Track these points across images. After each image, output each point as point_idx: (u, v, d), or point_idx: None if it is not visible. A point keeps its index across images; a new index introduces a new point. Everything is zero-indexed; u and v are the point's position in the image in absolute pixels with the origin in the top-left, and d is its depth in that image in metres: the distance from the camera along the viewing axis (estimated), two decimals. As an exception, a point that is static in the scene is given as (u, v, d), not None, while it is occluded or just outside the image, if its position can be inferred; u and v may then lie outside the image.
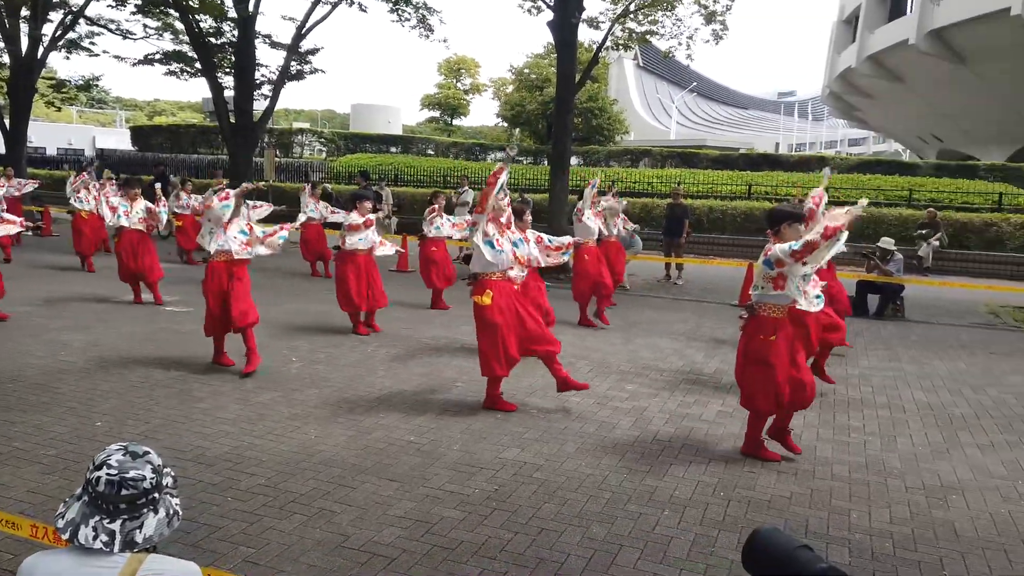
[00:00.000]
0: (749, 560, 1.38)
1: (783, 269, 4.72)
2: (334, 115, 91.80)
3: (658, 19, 17.27)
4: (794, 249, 4.59)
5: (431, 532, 3.87)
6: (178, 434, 5.11)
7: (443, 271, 10.12)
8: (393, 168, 26.20)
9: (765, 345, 4.84)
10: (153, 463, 1.79)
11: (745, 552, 1.38)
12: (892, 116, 41.55)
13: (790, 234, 4.85)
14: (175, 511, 1.83)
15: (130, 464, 1.75)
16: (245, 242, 6.76)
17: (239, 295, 6.60)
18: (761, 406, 4.97)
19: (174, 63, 19.99)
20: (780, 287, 4.78)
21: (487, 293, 5.63)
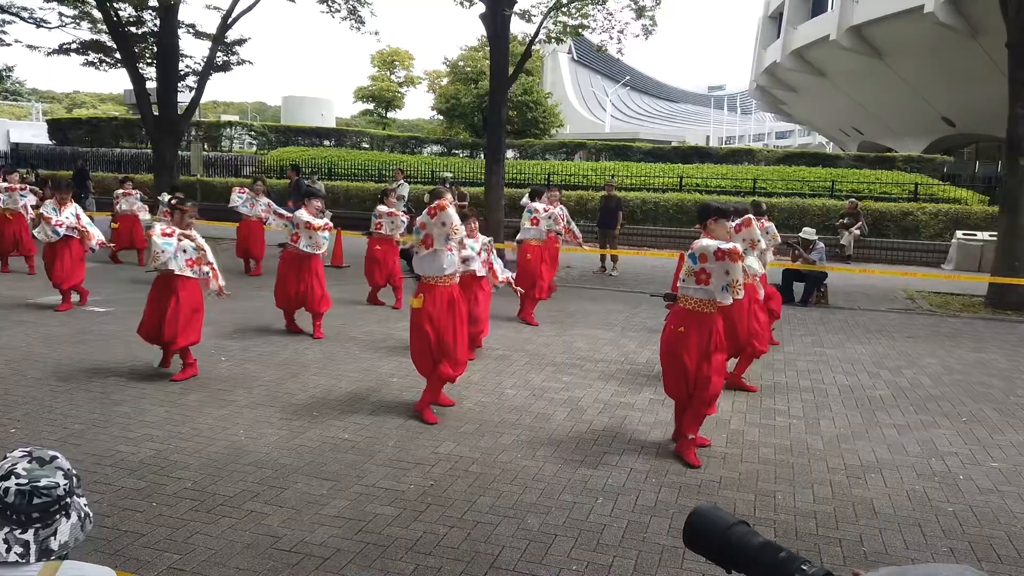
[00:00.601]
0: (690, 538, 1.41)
1: (706, 265, 4.79)
2: (265, 108, 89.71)
3: (589, 13, 17.41)
4: (719, 248, 4.66)
5: (365, 530, 3.83)
6: (99, 439, 4.92)
7: (386, 269, 10.07)
8: (327, 162, 25.74)
9: (676, 337, 4.91)
10: (63, 468, 1.73)
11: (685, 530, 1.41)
12: (815, 109, 42.96)
13: (717, 229, 4.93)
14: (86, 513, 1.78)
15: (39, 472, 1.68)
16: (194, 260, 6.40)
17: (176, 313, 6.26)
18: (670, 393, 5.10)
19: (92, 53, 19.14)
20: (704, 282, 4.83)
21: (420, 297, 5.54)
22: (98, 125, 34.63)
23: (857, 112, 37.34)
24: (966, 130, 32.74)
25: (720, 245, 4.69)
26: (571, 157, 30.56)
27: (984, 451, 5.24)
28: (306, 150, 29.53)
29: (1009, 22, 11.14)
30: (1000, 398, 6.58)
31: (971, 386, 6.94)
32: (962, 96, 29.28)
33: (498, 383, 6.56)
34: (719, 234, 4.94)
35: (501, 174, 16.06)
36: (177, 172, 18.12)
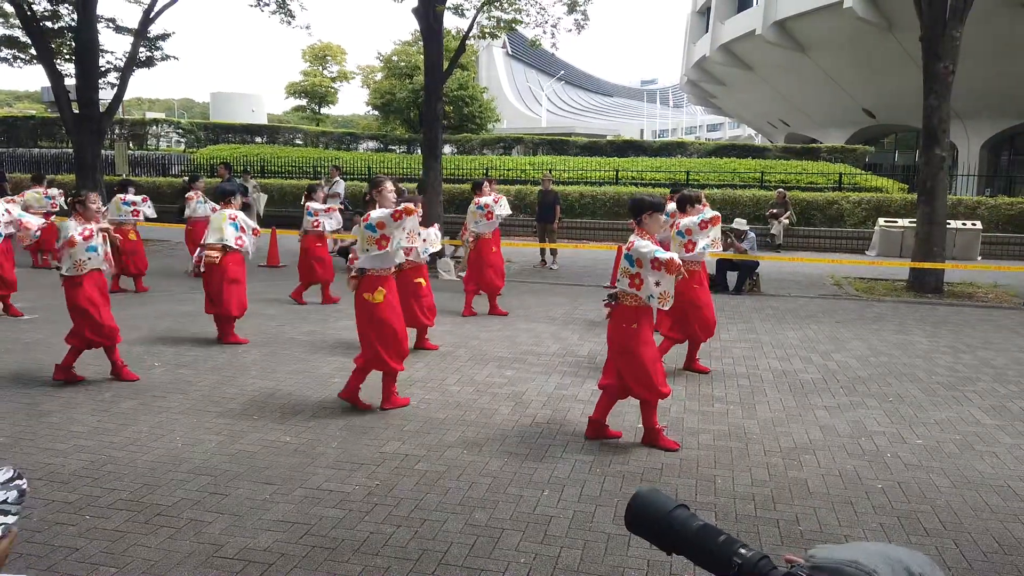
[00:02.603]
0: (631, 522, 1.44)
1: (640, 270, 4.79)
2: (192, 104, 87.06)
3: (522, 7, 17.47)
4: (656, 258, 4.67)
5: (310, 533, 3.78)
6: (26, 451, 4.71)
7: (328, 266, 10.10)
8: (259, 159, 25.16)
9: (628, 334, 4.97)
10: None
11: (627, 514, 1.43)
12: (744, 103, 44.10)
13: (651, 224, 4.96)
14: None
15: None
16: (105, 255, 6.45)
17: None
18: (639, 393, 5.05)
19: (5, 49, 18.27)
20: (636, 286, 4.85)
21: (379, 290, 5.49)
22: (14, 124, 33.06)
23: (783, 105, 38.50)
24: (886, 121, 34.16)
25: (657, 254, 4.67)
26: (509, 152, 30.62)
27: (909, 429, 5.49)
28: (237, 147, 28.82)
29: (922, 16, 11.66)
30: (923, 378, 6.90)
31: (896, 367, 7.26)
32: (881, 88, 30.52)
33: (442, 380, 6.55)
34: (653, 228, 4.98)
35: (439, 169, 15.99)
36: (101, 172, 17.43)
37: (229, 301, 7.57)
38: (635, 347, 4.95)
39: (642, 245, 4.81)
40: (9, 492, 1.71)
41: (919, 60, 12.09)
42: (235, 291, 7.62)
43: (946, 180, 12.15)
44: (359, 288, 5.58)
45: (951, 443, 5.22)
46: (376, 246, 5.42)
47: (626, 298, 4.96)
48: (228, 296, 7.57)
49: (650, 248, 4.78)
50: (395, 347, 5.63)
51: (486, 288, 9.33)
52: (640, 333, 4.96)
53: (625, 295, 4.96)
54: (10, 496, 1.70)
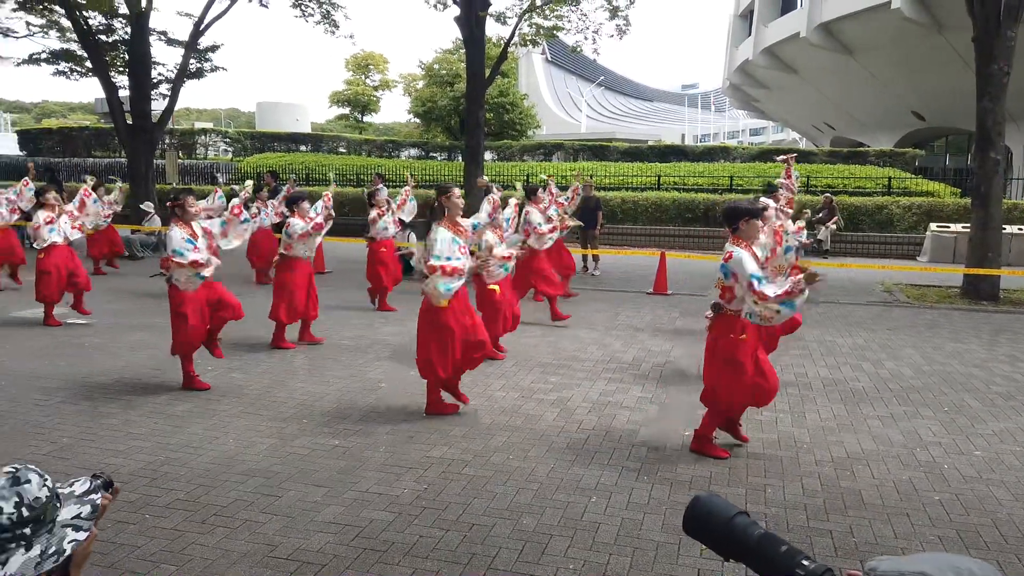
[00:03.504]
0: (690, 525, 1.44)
1: (735, 284, 4.63)
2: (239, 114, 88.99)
3: (564, 14, 17.52)
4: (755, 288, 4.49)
5: (361, 536, 3.83)
6: (88, 452, 4.87)
7: (392, 272, 10.04)
8: (304, 167, 25.60)
9: (735, 344, 4.77)
10: (24, 496, 1.59)
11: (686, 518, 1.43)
12: (788, 106, 43.46)
13: (749, 231, 4.74)
14: (59, 550, 1.63)
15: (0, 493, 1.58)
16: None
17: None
18: (724, 405, 4.93)
19: (62, 63, 18.91)
20: (727, 299, 4.73)
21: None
22: (70, 135, 34.14)
23: (829, 108, 37.84)
24: (936, 124, 33.33)
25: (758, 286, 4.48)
26: (549, 158, 30.64)
27: (967, 440, 5.35)
28: (282, 156, 29.35)
29: (974, 17, 11.37)
30: (980, 388, 6.71)
31: (951, 376, 7.08)
32: (930, 90, 29.80)
33: (487, 385, 6.58)
34: (751, 235, 4.78)
35: (480, 176, 16.08)
36: (152, 181, 17.93)
37: (278, 306, 7.72)
38: (738, 356, 4.76)
39: (743, 261, 4.59)
40: (83, 507, 1.75)
41: (971, 61, 11.80)
42: (284, 297, 7.76)
43: (1001, 184, 11.81)
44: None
45: (1011, 455, 5.07)
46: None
47: (730, 308, 4.80)
48: (277, 302, 7.73)
49: (751, 271, 4.54)
50: (449, 355, 5.52)
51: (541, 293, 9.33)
52: (748, 344, 4.77)
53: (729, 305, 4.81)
54: (83, 511, 1.74)
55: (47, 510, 1.65)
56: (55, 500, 1.69)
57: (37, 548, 1.62)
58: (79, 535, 1.70)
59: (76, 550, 1.71)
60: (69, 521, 1.71)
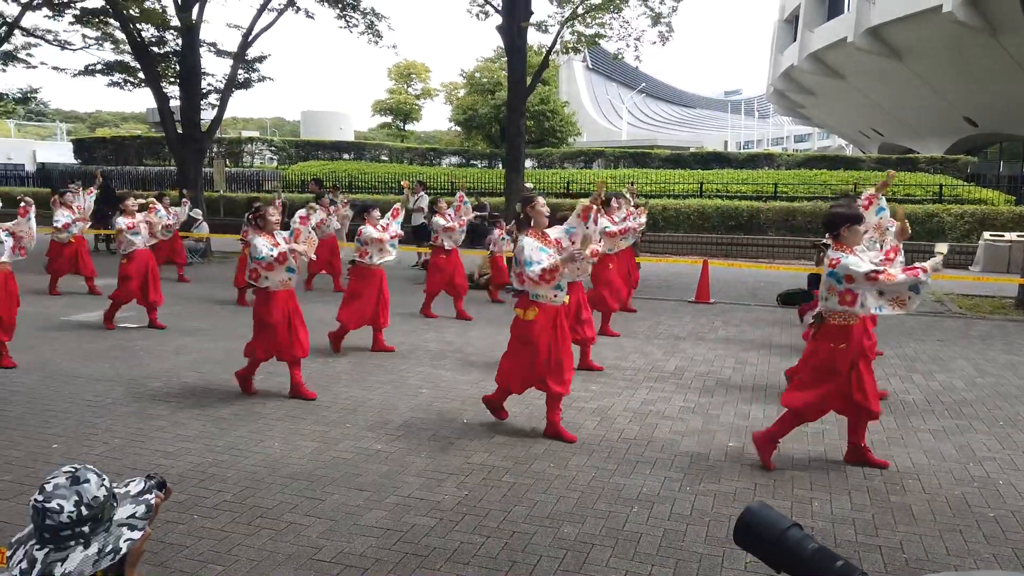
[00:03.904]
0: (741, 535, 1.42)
1: (852, 286, 4.57)
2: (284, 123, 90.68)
3: (605, 22, 17.49)
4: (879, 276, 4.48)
5: (403, 540, 3.86)
6: (139, 453, 5.00)
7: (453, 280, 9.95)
8: (347, 175, 25.97)
9: (836, 354, 4.71)
10: (83, 495, 1.65)
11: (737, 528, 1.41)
12: (835, 112, 42.70)
13: (851, 237, 4.68)
14: (115, 549, 1.68)
15: (59, 492, 1.64)
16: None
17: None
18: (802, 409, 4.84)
19: (116, 73, 19.51)
20: (849, 303, 4.63)
21: (532, 308, 5.31)
22: (122, 143, 35.20)
23: (877, 114, 37.08)
24: (989, 129, 32.40)
25: (873, 268, 4.50)
26: (590, 165, 30.60)
27: (1023, 455, 5.17)
28: (326, 164, 29.83)
29: (1033, 20, 11.04)
30: (1036, 401, 6.49)
31: (1005, 389, 6.86)
32: (984, 95, 28.99)
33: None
34: (854, 241, 4.71)
35: (520, 183, 16.14)
36: (201, 189, 18.35)
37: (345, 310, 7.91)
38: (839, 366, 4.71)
39: (851, 263, 4.55)
40: (138, 506, 1.80)
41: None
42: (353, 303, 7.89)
43: (1059, 191, 11.43)
44: (517, 306, 5.46)
45: (1071, 472, 4.89)
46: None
47: (833, 316, 4.73)
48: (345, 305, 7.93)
49: (863, 267, 4.54)
50: (527, 371, 5.40)
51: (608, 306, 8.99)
52: (847, 353, 4.72)
53: (832, 313, 4.73)
54: (138, 511, 1.79)
55: (104, 509, 1.70)
56: (112, 499, 1.74)
57: (95, 546, 1.67)
58: (134, 534, 1.75)
59: (131, 549, 1.76)
60: (125, 520, 1.76)
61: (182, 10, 16.86)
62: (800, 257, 16.83)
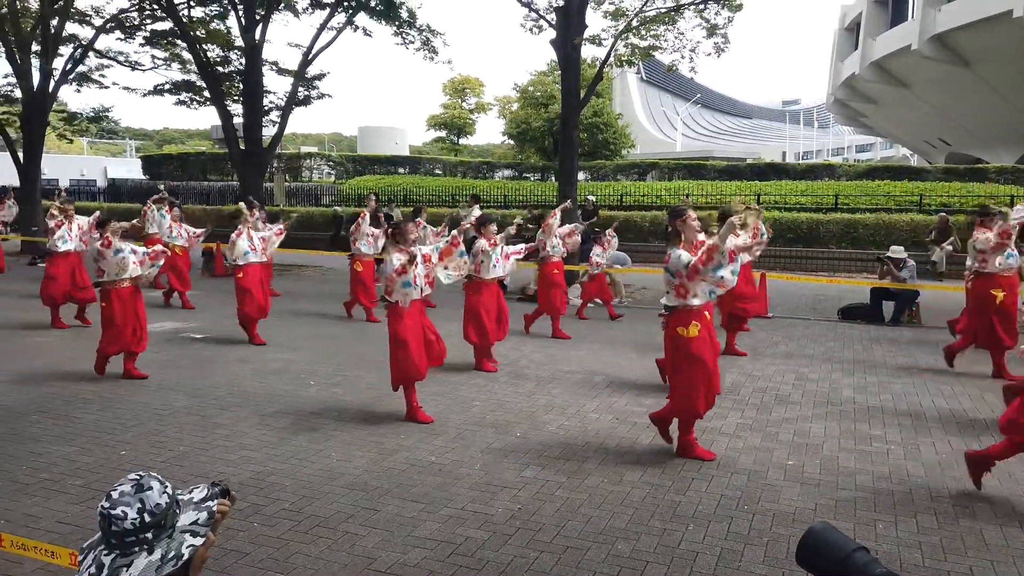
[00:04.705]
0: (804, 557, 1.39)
1: None
2: (341, 138, 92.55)
3: (660, 34, 17.39)
4: None
5: (457, 552, 3.88)
6: (201, 461, 5.14)
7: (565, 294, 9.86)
8: (402, 189, 26.36)
9: None
10: (146, 502, 1.69)
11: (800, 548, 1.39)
12: (898, 121, 41.49)
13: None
14: (177, 555, 1.72)
15: (124, 499, 1.68)
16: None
17: None
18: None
19: (184, 93, 20.27)
20: None
21: (693, 324, 5.07)
22: (187, 159, 36.47)
23: (943, 122, 35.90)
24: (1064, 138, 31.03)
25: None
26: (643, 177, 30.38)
27: (1104, 480, 4.91)
28: (382, 178, 30.34)
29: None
30: (1118, 422, 6.15)
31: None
32: (1058, 102, 27.80)
33: (580, 406, 6.55)
34: None
35: (574, 196, 16.11)
36: (262, 203, 18.85)
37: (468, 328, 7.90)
38: None
39: None
40: (200, 513, 1.85)
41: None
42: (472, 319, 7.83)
43: None
44: (669, 323, 5.20)
45: None
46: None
47: None
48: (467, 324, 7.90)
49: None
50: (706, 388, 5.17)
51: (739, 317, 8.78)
52: None
53: None
54: (201, 517, 1.84)
55: (167, 516, 1.75)
56: (175, 506, 1.80)
57: (158, 552, 1.72)
58: (197, 540, 1.80)
59: (194, 555, 1.81)
60: (187, 527, 1.81)
61: (246, 31, 17.41)
62: (863, 270, 16.37)
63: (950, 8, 27.15)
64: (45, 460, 5.11)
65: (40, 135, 20.75)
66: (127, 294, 7.25)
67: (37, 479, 4.78)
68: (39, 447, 5.37)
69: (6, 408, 6.32)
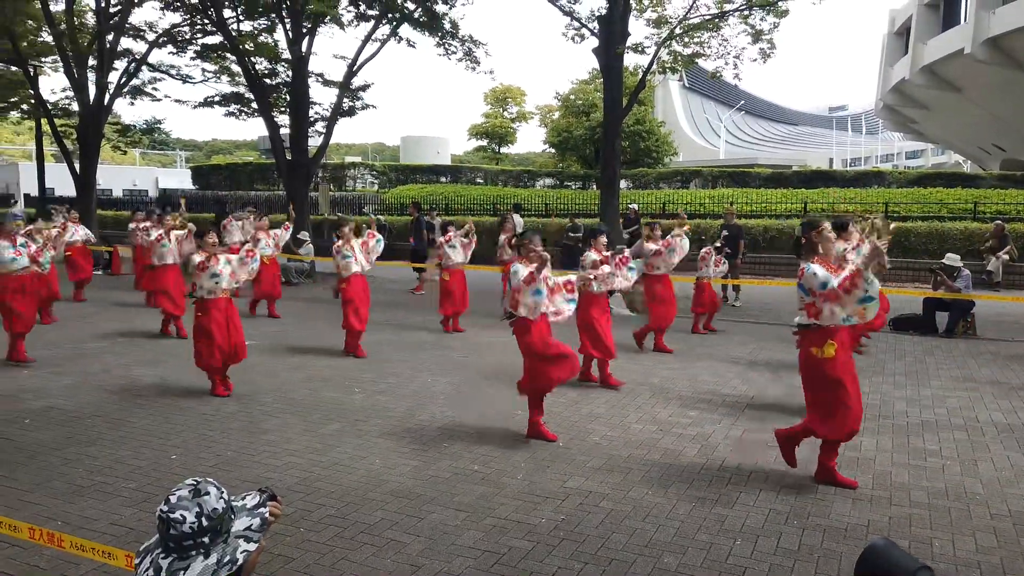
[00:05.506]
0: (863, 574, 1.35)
1: None
2: (384, 147, 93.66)
3: (704, 41, 17.26)
4: None
5: (501, 563, 3.86)
6: (249, 466, 5.22)
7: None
8: (444, 198, 26.55)
9: None
10: (203, 507, 1.74)
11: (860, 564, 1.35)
12: (951, 127, 40.37)
13: None
14: (232, 559, 1.76)
15: (182, 503, 1.73)
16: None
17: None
18: None
19: (233, 104, 20.73)
20: None
21: (829, 344, 4.74)
22: (235, 170, 37.31)
23: (998, 128, 34.81)
24: None
25: None
26: (686, 185, 30.12)
27: None
28: (424, 187, 30.64)
29: None
30: None
31: None
32: (1121, 106, 26.76)
33: (623, 416, 6.49)
34: None
35: (616, 205, 16.05)
36: (307, 212, 19.16)
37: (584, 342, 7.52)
38: None
39: None
40: (253, 519, 1.89)
41: None
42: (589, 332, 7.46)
43: None
44: (804, 342, 4.89)
45: None
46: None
47: None
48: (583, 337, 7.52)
49: None
50: (851, 410, 4.80)
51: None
52: None
53: None
54: (254, 523, 1.87)
55: (223, 521, 1.79)
56: (230, 512, 1.83)
57: (214, 556, 1.75)
58: (250, 546, 1.83)
59: (247, 560, 1.84)
60: (241, 532, 1.84)
61: (293, 43, 17.75)
62: (915, 280, 15.94)
63: (1004, 11, 26.37)
64: (100, 463, 5.25)
65: (96, 146, 21.44)
66: (223, 304, 7.09)
67: (93, 481, 4.91)
68: (94, 450, 5.52)
69: (65, 411, 6.52)
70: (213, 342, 6.94)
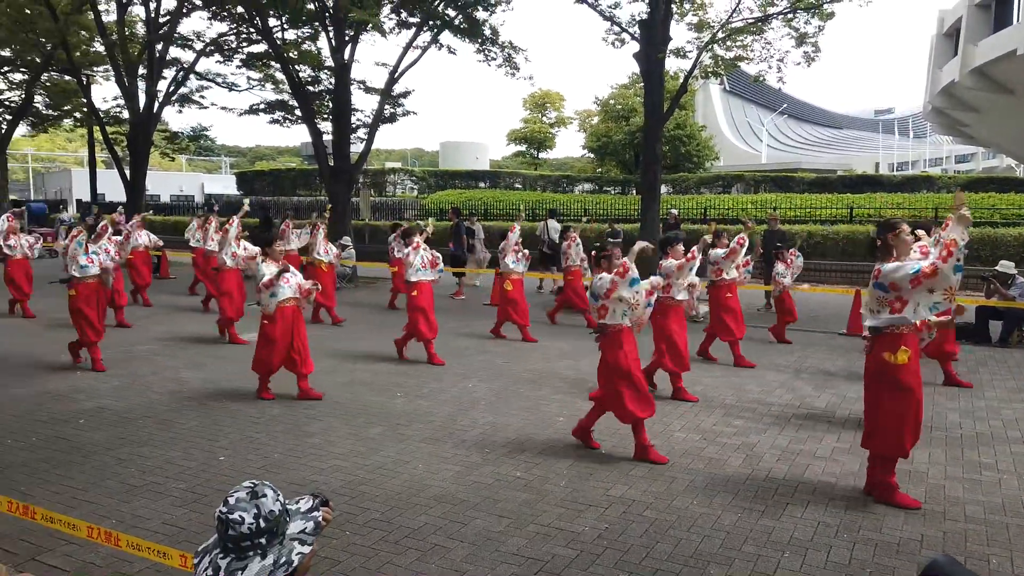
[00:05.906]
0: None
1: None
2: (423, 153, 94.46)
3: (747, 44, 17.05)
4: None
5: (543, 570, 3.85)
6: (295, 468, 5.29)
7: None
8: (482, 203, 26.64)
9: None
10: (261, 508, 1.77)
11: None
12: (1003, 130, 39.09)
13: None
14: (288, 561, 1.78)
15: (240, 505, 1.76)
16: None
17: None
18: None
19: (277, 112, 21.11)
20: None
21: (902, 350, 4.61)
22: (279, 176, 37.99)
23: (1053, 131, 33.71)
24: None
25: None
26: (728, 190, 29.78)
27: None
28: (463, 192, 30.80)
29: None
30: None
31: None
32: None
33: (666, 424, 6.42)
34: None
35: (656, 210, 15.92)
36: (349, 217, 19.40)
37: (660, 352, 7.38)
38: None
39: None
40: (308, 522, 1.92)
41: None
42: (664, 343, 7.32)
43: None
44: (875, 347, 4.75)
45: None
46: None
47: None
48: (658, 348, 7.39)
49: None
50: (914, 422, 4.71)
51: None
52: None
53: None
54: (308, 527, 1.90)
55: (279, 523, 1.82)
56: (285, 514, 1.87)
57: (271, 557, 1.79)
58: (304, 548, 1.86)
59: (301, 562, 1.87)
60: (296, 535, 1.87)
61: (335, 51, 18.00)
62: (965, 288, 15.50)
63: (1061, 9, 25.56)
64: (151, 463, 5.37)
65: (145, 153, 22.02)
66: (289, 312, 7.15)
67: (144, 481, 5.02)
68: (145, 450, 5.65)
69: (116, 412, 6.69)
70: (274, 348, 7.05)
